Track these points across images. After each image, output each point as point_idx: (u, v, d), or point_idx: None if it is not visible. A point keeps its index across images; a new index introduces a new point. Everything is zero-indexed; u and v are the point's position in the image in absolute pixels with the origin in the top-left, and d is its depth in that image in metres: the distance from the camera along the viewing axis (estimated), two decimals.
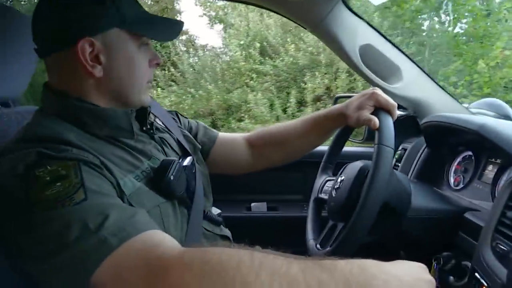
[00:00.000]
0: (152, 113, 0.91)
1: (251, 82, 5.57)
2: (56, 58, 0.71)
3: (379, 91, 0.94)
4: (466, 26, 5.44)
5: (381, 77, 1.33)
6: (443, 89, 1.36)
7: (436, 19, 5.66)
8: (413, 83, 1.33)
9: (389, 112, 0.90)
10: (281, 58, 5.71)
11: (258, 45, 5.76)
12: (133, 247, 0.54)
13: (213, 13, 7.73)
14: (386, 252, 1.02)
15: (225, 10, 7.65)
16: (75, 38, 0.67)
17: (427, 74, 1.35)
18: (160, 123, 0.94)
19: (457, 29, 5.54)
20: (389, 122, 0.87)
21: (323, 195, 1.08)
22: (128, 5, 0.73)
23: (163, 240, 0.57)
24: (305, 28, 1.31)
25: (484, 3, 5.53)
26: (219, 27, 8.19)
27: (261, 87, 5.50)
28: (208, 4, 8.03)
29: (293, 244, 0.96)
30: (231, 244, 0.59)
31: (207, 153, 1.08)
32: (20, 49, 0.86)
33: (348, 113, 0.98)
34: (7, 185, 0.59)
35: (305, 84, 5.31)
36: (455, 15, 5.41)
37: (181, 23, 0.80)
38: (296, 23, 1.32)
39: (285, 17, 1.30)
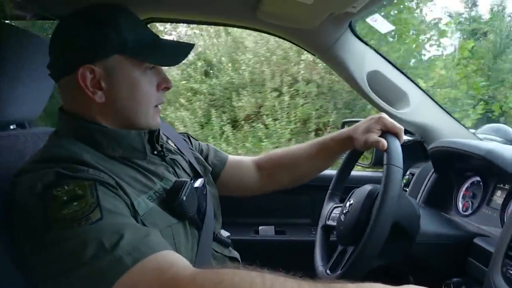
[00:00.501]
0: (164, 134, 0.93)
1: (185, 101, 5.50)
2: (64, 83, 0.74)
3: (385, 115, 0.96)
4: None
5: (388, 103, 1.35)
6: (449, 114, 1.37)
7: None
8: (420, 109, 1.35)
9: (396, 135, 0.92)
10: (218, 77, 5.59)
11: (199, 64, 5.71)
12: (147, 267, 0.55)
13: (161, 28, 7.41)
14: (395, 276, 1.02)
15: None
16: (76, 65, 0.69)
17: (433, 100, 1.37)
18: (172, 145, 0.96)
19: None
20: (397, 144, 0.89)
21: (330, 222, 1.08)
22: (130, 30, 0.73)
23: (177, 261, 0.58)
24: (314, 55, 1.35)
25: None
26: None
27: (194, 105, 5.44)
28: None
29: (301, 268, 0.95)
30: (240, 266, 0.60)
31: (217, 175, 1.09)
32: (37, 72, 0.89)
33: (356, 136, 1.00)
34: (25, 204, 0.61)
35: (237, 103, 5.19)
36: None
37: (190, 46, 0.79)
38: (304, 49, 1.36)
39: (293, 43, 1.34)
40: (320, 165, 1.14)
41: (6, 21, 1.05)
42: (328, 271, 0.96)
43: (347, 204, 0.97)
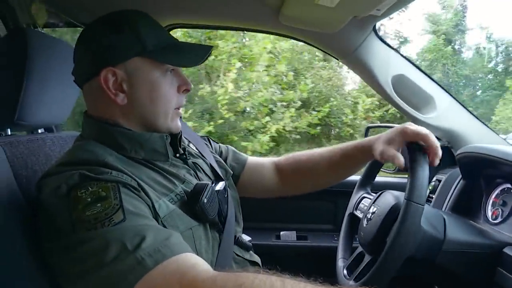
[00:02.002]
0: (186, 138, 0.94)
1: None
2: (88, 88, 0.76)
3: (410, 124, 0.89)
4: None
5: (414, 107, 1.32)
6: (478, 119, 1.33)
7: None
8: (447, 113, 1.31)
9: (423, 142, 0.85)
10: None
11: None
12: (168, 269, 0.56)
13: None
14: (420, 285, 0.99)
15: None
16: (99, 68, 0.72)
17: (461, 104, 1.33)
18: (194, 148, 0.97)
19: None
20: (422, 171, 0.81)
21: (358, 213, 1.06)
22: (149, 33, 0.75)
23: (197, 263, 0.58)
24: (337, 59, 1.34)
25: None
26: None
27: None
28: None
29: (322, 275, 0.94)
30: (260, 271, 0.60)
31: (236, 177, 1.09)
32: (65, 78, 0.91)
33: (375, 146, 0.94)
34: (50, 205, 0.62)
35: None
36: None
37: (208, 48, 0.80)
38: (327, 53, 1.35)
39: (316, 47, 1.33)
40: (341, 174, 1.11)
41: (35, 29, 1.10)
42: (345, 272, 0.95)
43: (371, 211, 0.95)
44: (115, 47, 0.72)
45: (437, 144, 0.86)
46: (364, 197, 1.08)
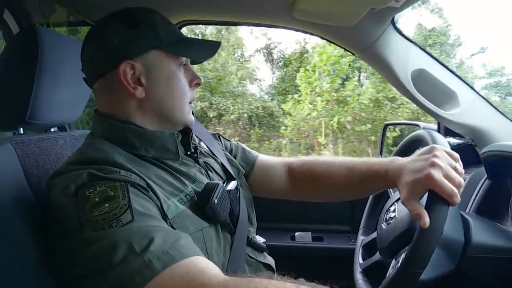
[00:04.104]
0: (196, 136, 0.92)
1: None
2: (101, 84, 0.75)
3: (437, 159, 0.74)
4: None
5: (436, 104, 1.27)
6: (504, 115, 1.26)
7: None
8: (471, 109, 1.25)
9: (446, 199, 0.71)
10: None
11: None
12: (177, 272, 0.54)
13: None
14: None
15: None
16: (116, 62, 0.71)
17: (486, 100, 1.26)
18: (205, 147, 0.95)
19: None
20: (438, 136, 0.80)
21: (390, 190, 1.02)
22: (164, 28, 0.76)
23: (207, 267, 0.56)
24: (353, 54, 1.29)
25: None
26: None
27: None
28: None
29: (339, 277, 0.92)
30: (274, 275, 0.57)
31: (245, 177, 1.04)
32: (77, 76, 0.90)
33: (400, 188, 0.79)
34: (59, 205, 0.62)
35: None
36: None
37: (217, 43, 0.82)
38: (343, 48, 1.31)
39: (332, 42, 1.29)
40: (357, 195, 1.00)
41: (47, 28, 1.10)
42: (361, 275, 0.91)
43: (390, 214, 0.91)
44: (132, 41, 0.72)
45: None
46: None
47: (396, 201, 0.93)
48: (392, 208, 0.91)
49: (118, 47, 0.72)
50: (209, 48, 0.81)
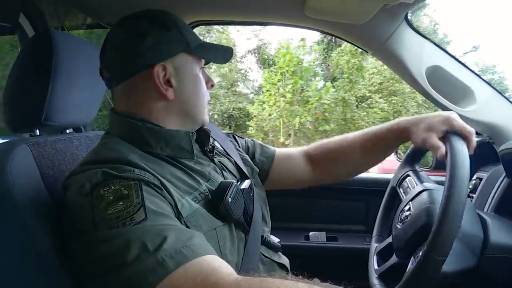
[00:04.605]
0: (211, 136, 0.92)
1: None
2: (128, 84, 0.76)
3: (456, 116, 0.84)
4: None
5: (451, 100, 1.24)
6: None
7: None
8: (488, 106, 1.22)
9: (465, 139, 0.80)
10: None
11: None
12: (190, 271, 0.54)
13: None
14: None
15: None
16: (150, 63, 0.73)
17: (504, 96, 1.23)
18: (219, 146, 0.95)
19: None
20: (463, 149, 0.77)
21: (400, 191, 0.99)
22: (189, 31, 0.79)
23: (220, 267, 0.57)
24: (366, 51, 1.28)
25: None
26: None
27: None
28: None
29: (353, 278, 0.90)
30: (288, 275, 0.57)
31: (266, 172, 1.06)
32: (91, 78, 0.92)
33: (415, 131, 0.88)
34: (75, 203, 0.63)
35: None
36: None
37: (231, 49, 0.85)
38: (355, 45, 1.29)
39: (344, 40, 1.28)
40: (374, 158, 1.06)
41: (62, 31, 1.12)
42: (377, 280, 0.90)
43: (405, 213, 0.89)
44: (165, 43, 0.75)
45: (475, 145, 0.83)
46: (409, 176, 1.00)
47: (411, 200, 0.91)
48: (406, 208, 0.89)
49: (152, 49, 0.73)
50: (226, 52, 0.85)
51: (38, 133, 0.90)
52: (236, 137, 1.09)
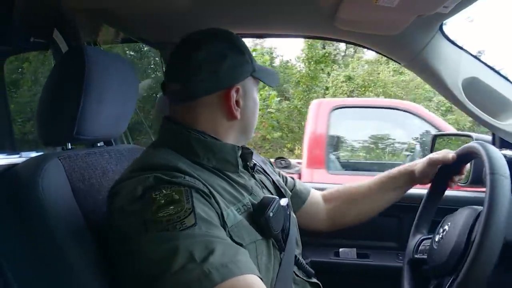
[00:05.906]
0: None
1: None
2: (201, 100, 0.77)
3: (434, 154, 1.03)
4: None
5: (489, 113, 1.19)
6: None
7: None
8: None
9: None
10: None
11: None
12: (235, 286, 0.54)
13: None
14: None
15: None
16: (228, 84, 0.77)
17: None
18: (258, 165, 0.96)
19: None
20: (493, 149, 0.76)
21: (419, 255, 0.96)
22: (252, 56, 0.83)
23: (262, 286, 0.57)
24: (400, 63, 1.24)
25: None
26: None
27: None
28: None
29: None
30: None
31: (303, 201, 1.10)
32: (122, 92, 0.93)
33: (423, 164, 1.04)
34: (127, 206, 0.63)
35: None
36: None
37: (277, 72, 0.91)
38: (388, 57, 1.26)
39: (376, 52, 1.25)
40: (388, 197, 1.13)
41: (94, 46, 1.14)
42: None
43: (441, 231, 0.85)
44: (241, 66, 0.79)
45: None
46: (424, 239, 0.99)
47: (442, 223, 0.88)
48: (441, 230, 0.86)
49: (230, 71, 0.77)
50: (276, 75, 0.91)
51: (69, 147, 0.91)
52: (271, 163, 1.11)
